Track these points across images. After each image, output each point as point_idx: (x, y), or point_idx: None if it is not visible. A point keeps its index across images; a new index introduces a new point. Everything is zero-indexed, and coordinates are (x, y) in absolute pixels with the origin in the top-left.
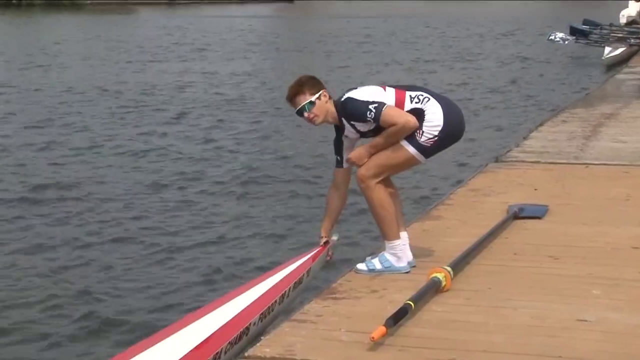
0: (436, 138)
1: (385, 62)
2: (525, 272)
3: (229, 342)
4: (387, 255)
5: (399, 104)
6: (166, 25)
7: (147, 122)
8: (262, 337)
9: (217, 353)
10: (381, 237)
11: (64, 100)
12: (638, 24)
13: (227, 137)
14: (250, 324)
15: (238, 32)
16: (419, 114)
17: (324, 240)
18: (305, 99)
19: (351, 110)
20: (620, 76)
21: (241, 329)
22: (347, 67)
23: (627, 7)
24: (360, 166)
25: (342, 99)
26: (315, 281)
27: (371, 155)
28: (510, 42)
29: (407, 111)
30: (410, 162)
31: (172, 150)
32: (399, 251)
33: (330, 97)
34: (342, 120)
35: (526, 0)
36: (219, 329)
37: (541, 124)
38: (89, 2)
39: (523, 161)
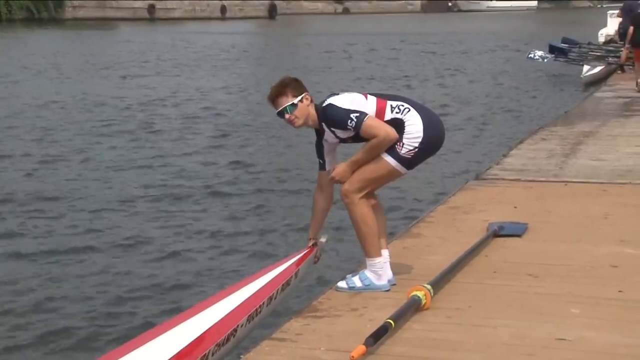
0: (416, 149)
1: (365, 77)
2: (505, 291)
3: (217, 344)
4: (367, 273)
5: (380, 112)
6: (147, 41)
7: (126, 135)
8: (241, 357)
9: (204, 355)
10: (362, 253)
11: (40, 114)
12: (616, 42)
13: (206, 149)
14: (237, 326)
15: (219, 47)
16: (398, 124)
17: (312, 242)
18: (287, 101)
19: (332, 117)
20: (598, 94)
21: (229, 331)
22: (326, 82)
23: (605, 26)
24: (343, 182)
25: (324, 105)
26: (293, 300)
27: (353, 171)
28: (490, 60)
29: (387, 121)
30: (392, 174)
31: (154, 162)
32: (379, 269)
33: (312, 101)
34: (322, 125)
35: (507, 18)
36: (207, 330)
37: (521, 142)
38: (69, 17)
39: (503, 179)
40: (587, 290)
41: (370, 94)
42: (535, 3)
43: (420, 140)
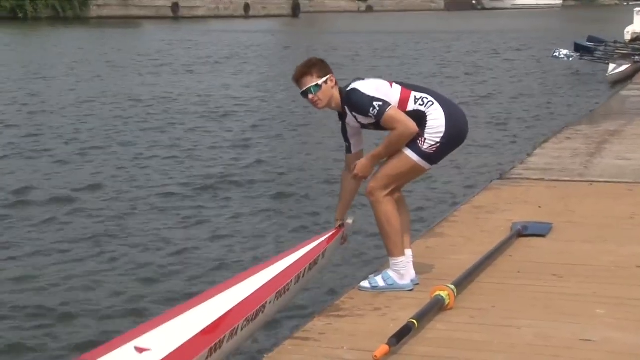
0: (438, 144)
1: (388, 74)
2: (529, 291)
3: (246, 319)
4: (390, 272)
5: (403, 102)
6: (171, 39)
7: (153, 130)
8: (264, 355)
9: (233, 329)
10: (385, 252)
11: (72, 111)
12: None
13: (232, 144)
14: (266, 302)
15: (243, 46)
16: (420, 117)
17: (339, 223)
18: (312, 81)
19: (355, 102)
20: (624, 93)
21: (257, 307)
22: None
23: (631, 23)
24: (365, 178)
25: (348, 89)
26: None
27: (374, 165)
28: (515, 58)
29: (409, 112)
30: (415, 170)
31: (182, 155)
32: (402, 268)
33: (336, 83)
34: (345, 109)
35: (532, 17)
36: (236, 305)
37: (545, 141)
38: (94, 16)
39: (527, 178)
40: (612, 291)
41: (395, 82)
42: (560, 1)
43: (442, 135)
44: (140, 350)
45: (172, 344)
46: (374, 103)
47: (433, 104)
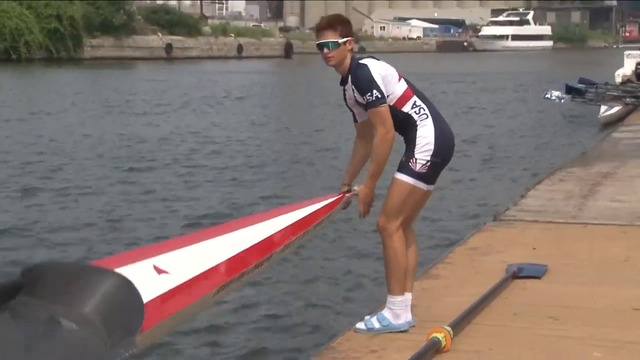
0: (429, 162)
1: None
2: (526, 333)
3: (256, 265)
4: (385, 313)
5: (403, 100)
6: (165, 79)
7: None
8: None
9: (243, 272)
10: (386, 289)
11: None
12: (633, 82)
13: (226, 181)
14: (274, 252)
15: (236, 85)
16: (410, 124)
17: (346, 188)
18: (333, 37)
19: (358, 77)
20: (616, 135)
21: (267, 255)
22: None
23: (622, 66)
24: (370, 206)
25: (360, 61)
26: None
27: (373, 186)
28: (507, 100)
29: (403, 113)
30: (415, 193)
31: (177, 194)
32: (399, 308)
33: (352, 50)
34: (348, 77)
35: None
36: (251, 247)
37: (539, 182)
38: (88, 57)
39: (521, 220)
40: (609, 334)
41: (404, 78)
42: (550, 43)
43: (431, 152)
44: (159, 270)
45: (190, 272)
46: (374, 90)
47: (427, 117)
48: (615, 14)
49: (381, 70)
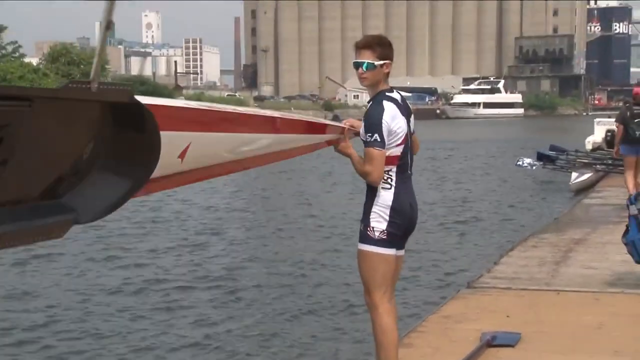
0: (386, 232)
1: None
2: None
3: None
4: None
5: (401, 142)
6: None
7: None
8: None
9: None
10: None
11: None
12: (603, 150)
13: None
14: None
15: None
16: (373, 187)
17: (348, 125)
18: (370, 58)
19: (370, 114)
20: (587, 201)
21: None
22: (320, 185)
23: (592, 133)
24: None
25: (384, 100)
26: None
27: (347, 150)
28: (479, 166)
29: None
30: (384, 260)
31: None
32: None
33: (388, 75)
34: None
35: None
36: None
37: (511, 249)
38: None
39: (495, 287)
40: None
41: (405, 145)
42: (521, 110)
43: (387, 222)
44: None
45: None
46: (375, 133)
47: (389, 188)
48: (584, 82)
49: (392, 122)
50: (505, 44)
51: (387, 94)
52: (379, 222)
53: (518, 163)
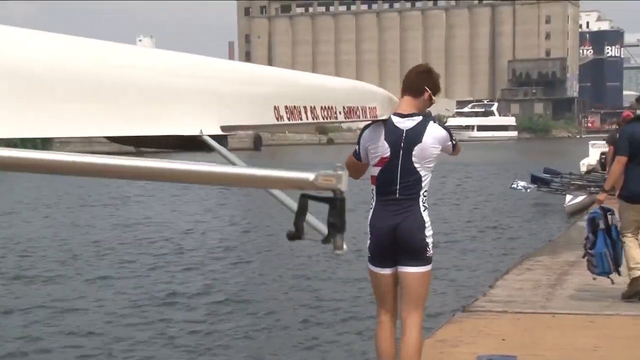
0: (369, 249)
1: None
2: None
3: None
4: None
5: (371, 180)
6: None
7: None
8: None
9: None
10: None
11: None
12: (597, 172)
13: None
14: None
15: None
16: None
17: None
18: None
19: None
20: (581, 223)
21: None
22: None
23: (587, 156)
24: None
25: (390, 117)
26: None
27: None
28: (473, 189)
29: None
30: (371, 275)
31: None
32: None
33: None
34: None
35: (489, 148)
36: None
37: (506, 272)
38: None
39: (490, 310)
40: None
41: (398, 150)
42: (515, 133)
43: (369, 238)
44: None
45: None
46: (358, 143)
47: (372, 207)
48: (577, 105)
49: (369, 142)
50: (498, 67)
51: (392, 116)
52: (368, 240)
53: (512, 186)
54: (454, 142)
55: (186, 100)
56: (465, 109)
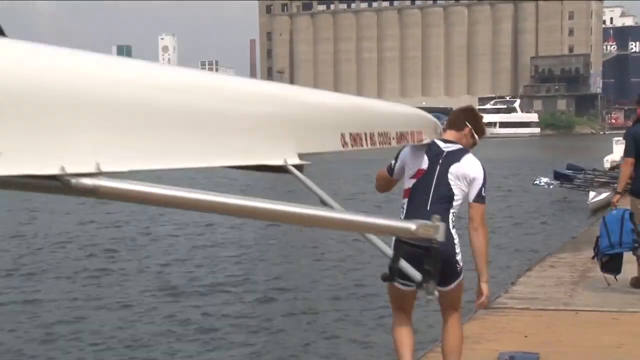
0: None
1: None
2: None
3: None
4: None
5: (404, 194)
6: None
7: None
8: None
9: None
10: None
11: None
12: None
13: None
14: None
15: (222, 184)
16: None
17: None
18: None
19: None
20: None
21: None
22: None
23: (611, 152)
24: None
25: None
26: None
27: None
28: (496, 186)
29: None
30: (394, 291)
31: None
32: None
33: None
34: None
35: (511, 145)
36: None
37: (529, 269)
38: None
39: (512, 307)
40: None
41: (440, 166)
42: (538, 129)
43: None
44: None
45: None
46: (396, 158)
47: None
48: (600, 101)
49: (409, 155)
50: (521, 63)
51: (435, 140)
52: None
53: (535, 182)
54: (483, 190)
55: (268, 129)
56: (488, 106)
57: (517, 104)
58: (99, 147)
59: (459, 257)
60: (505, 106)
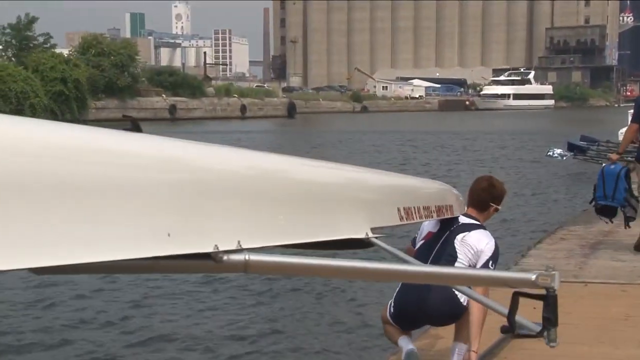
0: (391, 313)
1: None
2: None
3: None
4: None
5: (423, 238)
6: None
7: None
8: None
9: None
10: None
11: None
12: (635, 143)
13: None
14: None
15: (240, 145)
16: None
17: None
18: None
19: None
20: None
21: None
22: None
23: (626, 125)
24: None
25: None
26: None
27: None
28: (509, 157)
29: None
30: (390, 330)
31: None
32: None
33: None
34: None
35: (525, 117)
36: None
37: (539, 242)
38: (92, 119)
39: None
40: None
41: (450, 232)
42: (552, 102)
43: (391, 312)
44: None
45: None
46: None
47: (397, 288)
48: (615, 74)
49: (425, 225)
50: (535, 34)
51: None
52: (390, 306)
53: (549, 153)
54: (490, 263)
55: (349, 207)
56: (502, 77)
57: (531, 76)
58: (240, 227)
59: (462, 299)
60: (519, 78)
